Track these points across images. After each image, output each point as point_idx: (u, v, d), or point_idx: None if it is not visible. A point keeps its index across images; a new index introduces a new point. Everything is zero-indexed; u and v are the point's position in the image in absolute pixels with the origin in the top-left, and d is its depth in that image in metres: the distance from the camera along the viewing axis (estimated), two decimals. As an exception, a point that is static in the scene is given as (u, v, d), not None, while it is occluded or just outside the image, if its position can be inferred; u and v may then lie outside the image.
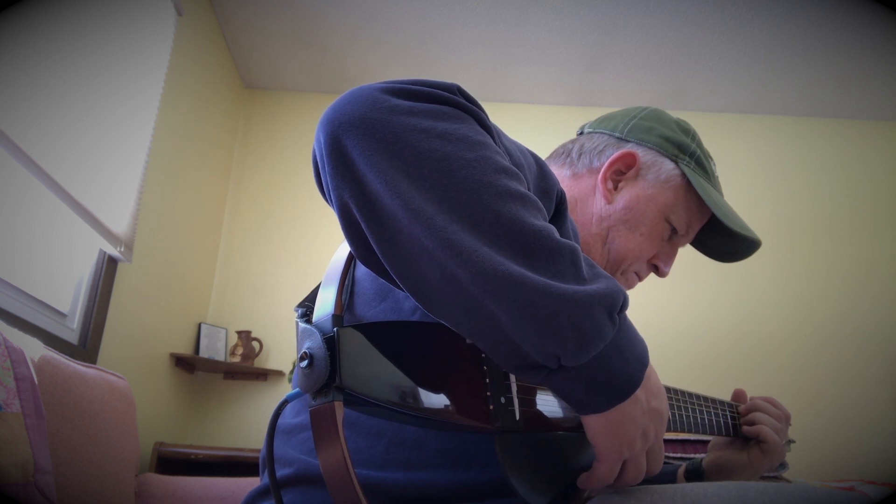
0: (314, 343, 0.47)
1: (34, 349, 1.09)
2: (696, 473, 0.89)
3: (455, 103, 0.52)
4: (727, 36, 2.72)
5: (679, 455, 1.97)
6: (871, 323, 2.94)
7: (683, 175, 0.84)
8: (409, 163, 0.47)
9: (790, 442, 0.97)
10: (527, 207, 0.48)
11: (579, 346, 0.45)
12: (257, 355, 2.73)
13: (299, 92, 3.25)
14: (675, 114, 3.19)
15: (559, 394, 0.50)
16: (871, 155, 3.23)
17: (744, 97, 3.15)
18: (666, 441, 2.22)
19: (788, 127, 3.27)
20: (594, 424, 0.51)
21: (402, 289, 0.49)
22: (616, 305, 0.48)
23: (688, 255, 2.87)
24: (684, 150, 0.85)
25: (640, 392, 0.51)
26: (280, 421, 0.67)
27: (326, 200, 0.52)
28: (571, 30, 2.72)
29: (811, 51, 2.78)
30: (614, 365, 0.48)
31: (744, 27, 2.66)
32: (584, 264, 0.49)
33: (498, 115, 3.23)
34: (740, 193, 3.12)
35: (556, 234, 0.49)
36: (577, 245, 0.50)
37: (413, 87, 0.52)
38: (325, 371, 0.45)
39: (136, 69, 1.98)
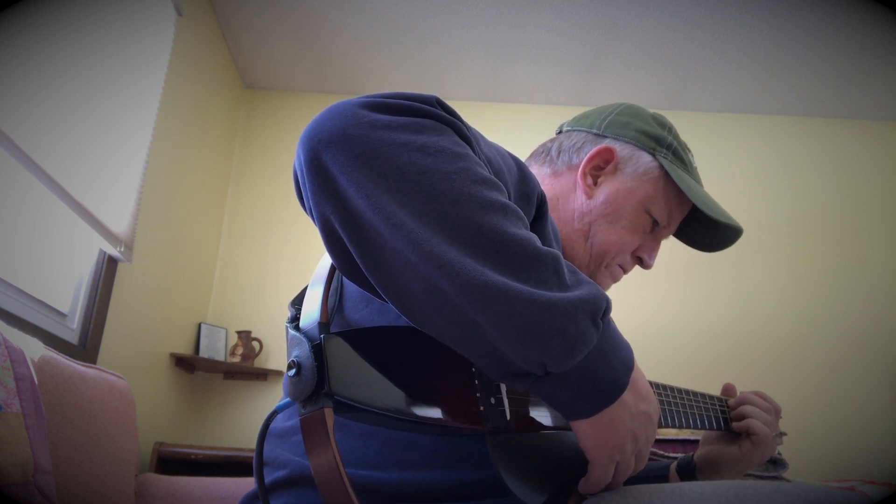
0: (302, 352, 0.47)
1: (34, 349, 1.10)
2: (688, 468, 0.90)
3: (434, 115, 0.53)
4: (727, 36, 2.72)
5: (679, 455, 1.97)
6: (870, 323, 2.94)
7: (661, 167, 0.85)
8: (389, 177, 0.47)
9: (782, 434, 0.97)
10: (508, 217, 0.49)
11: (564, 353, 0.46)
12: (257, 355, 2.73)
13: (299, 92, 3.25)
14: (676, 114, 3.20)
15: (547, 400, 0.50)
16: (871, 155, 3.23)
17: (744, 97, 3.16)
18: (666, 441, 2.22)
19: (788, 127, 3.27)
20: (583, 430, 0.51)
21: (386, 300, 0.50)
22: (599, 310, 0.48)
23: (686, 255, 2.87)
24: (661, 142, 0.86)
25: (627, 396, 0.51)
26: (273, 425, 0.67)
27: (308, 215, 0.53)
28: (571, 30, 2.72)
29: (811, 51, 2.79)
30: (600, 369, 0.49)
31: (744, 27, 2.66)
32: (566, 270, 0.50)
33: (498, 115, 3.23)
34: (740, 193, 3.12)
35: (538, 243, 0.49)
36: (558, 252, 0.50)
37: (391, 100, 0.52)
38: (313, 380, 0.45)
39: (136, 69, 1.99)
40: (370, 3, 2.61)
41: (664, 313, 2.93)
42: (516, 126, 3.21)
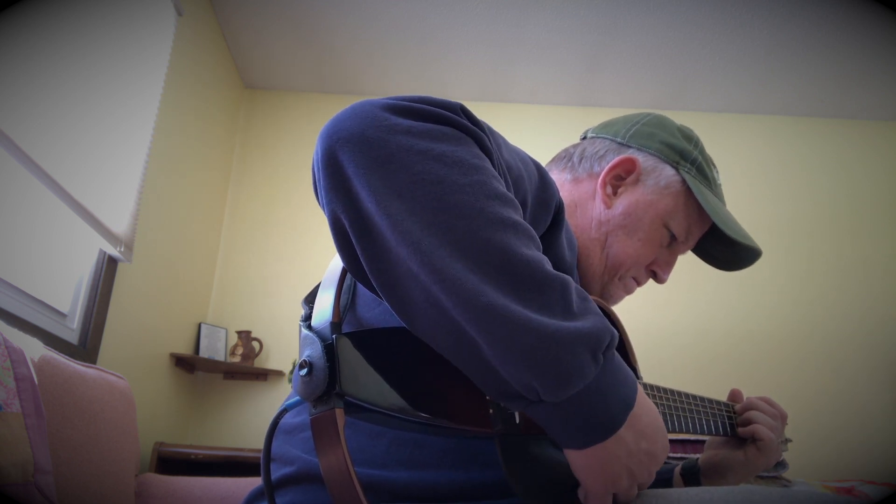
0: (314, 351, 0.47)
1: (34, 349, 1.09)
2: (692, 472, 0.89)
3: (456, 124, 0.52)
4: (727, 36, 2.72)
5: (679, 455, 1.97)
6: (870, 323, 2.94)
7: (684, 182, 0.83)
8: (402, 184, 0.47)
9: (787, 441, 0.97)
10: (518, 236, 0.48)
11: (558, 384, 0.45)
12: (257, 355, 2.73)
13: (299, 92, 3.25)
14: (676, 114, 3.20)
15: (539, 424, 0.49)
16: (871, 155, 3.23)
17: (744, 97, 3.15)
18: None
19: (788, 127, 3.27)
20: (575, 459, 0.50)
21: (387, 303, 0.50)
22: (601, 345, 0.47)
23: (686, 256, 2.87)
24: (685, 156, 0.85)
25: (625, 433, 0.49)
26: (281, 420, 0.67)
27: (321, 208, 0.53)
28: (571, 30, 2.72)
29: (811, 51, 2.78)
30: (595, 404, 0.47)
31: (744, 27, 2.66)
32: (575, 297, 0.48)
33: (498, 115, 3.23)
34: (740, 193, 3.12)
35: (548, 266, 0.48)
36: (569, 278, 0.49)
37: (415, 105, 0.51)
38: (324, 380, 0.45)
39: (136, 69, 1.98)
40: (370, 3, 2.61)
41: (665, 313, 2.93)
42: (516, 126, 3.21)
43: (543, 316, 0.45)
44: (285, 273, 2.92)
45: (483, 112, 3.22)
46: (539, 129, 3.18)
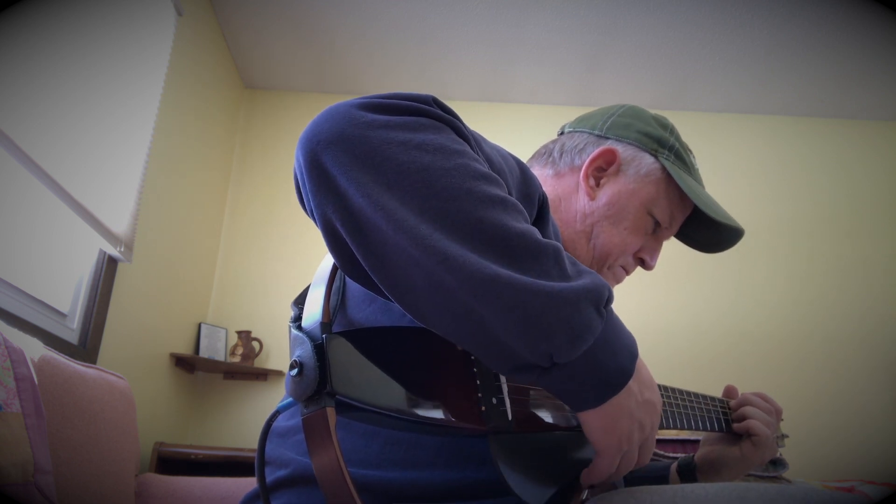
0: (304, 352, 0.47)
1: (34, 349, 1.09)
2: (688, 469, 0.90)
3: (431, 114, 0.53)
4: (727, 36, 2.72)
5: (679, 455, 1.97)
6: (870, 323, 2.94)
7: (664, 168, 0.85)
8: (389, 175, 0.47)
9: (783, 437, 0.97)
10: (508, 211, 0.49)
11: (570, 342, 0.46)
12: (257, 355, 2.73)
13: (299, 92, 3.25)
14: (675, 114, 3.20)
15: (553, 392, 0.50)
16: (871, 155, 3.23)
17: (744, 97, 3.16)
18: (666, 441, 2.22)
19: (788, 127, 3.27)
20: (591, 420, 0.51)
21: (389, 299, 0.50)
22: (602, 299, 0.49)
23: (685, 255, 2.88)
24: (663, 144, 0.86)
25: (632, 384, 0.52)
26: (275, 424, 0.67)
27: (310, 217, 0.53)
28: (571, 30, 2.72)
29: (811, 51, 2.79)
30: (605, 358, 0.49)
31: (744, 27, 2.66)
32: (567, 262, 0.50)
33: (498, 115, 3.23)
34: (740, 193, 3.12)
35: (539, 235, 0.50)
36: (559, 244, 0.51)
37: (388, 100, 0.52)
38: (315, 380, 0.45)
39: (136, 69, 1.98)
40: (370, 3, 2.61)
41: (664, 313, 2.93)
42: (516, 126, 3.21)
43: (544, 280, 0.47)
44: (285, 273, 2.92)
45: (483, 112, 3.22)
46: (539, 129, 3.18)
